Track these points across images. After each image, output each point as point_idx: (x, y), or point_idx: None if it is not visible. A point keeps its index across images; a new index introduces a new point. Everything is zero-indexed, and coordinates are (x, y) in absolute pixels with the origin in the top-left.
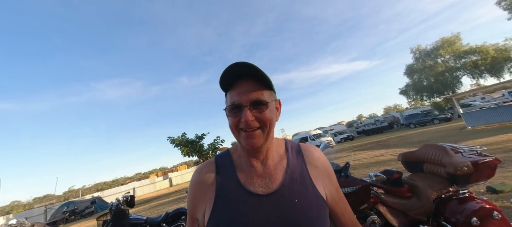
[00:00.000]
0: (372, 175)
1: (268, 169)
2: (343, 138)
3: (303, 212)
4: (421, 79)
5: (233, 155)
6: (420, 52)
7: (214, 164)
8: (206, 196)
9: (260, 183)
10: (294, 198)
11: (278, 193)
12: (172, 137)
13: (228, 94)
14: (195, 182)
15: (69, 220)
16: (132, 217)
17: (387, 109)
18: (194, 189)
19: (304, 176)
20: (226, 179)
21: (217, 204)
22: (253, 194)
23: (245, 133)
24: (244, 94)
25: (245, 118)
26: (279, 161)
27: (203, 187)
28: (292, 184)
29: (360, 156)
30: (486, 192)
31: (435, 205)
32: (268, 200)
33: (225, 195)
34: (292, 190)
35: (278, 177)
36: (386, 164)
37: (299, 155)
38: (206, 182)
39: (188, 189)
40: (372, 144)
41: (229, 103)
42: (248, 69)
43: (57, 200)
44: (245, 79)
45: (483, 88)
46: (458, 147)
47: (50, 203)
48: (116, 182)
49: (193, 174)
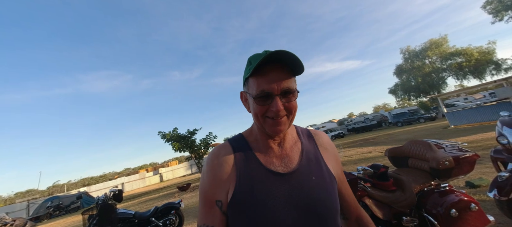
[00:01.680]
0: (359, 169)
1: (285, 150)
2: (334, 135)
3: (321, 187)
4: (410, 79)
5: (248, 138)
6: (410, 53)
7: (230, 147)
8: (229, 177)
9: (279, 163)
10: (311, 176)
11: (297, 171)
12: (163, 132)
13: (254, 79)
14: (214, 165)
15: (53, 216)
16: (120, 212)
17: (377, 107)
18: (214, 172)
19: (318, 157)
20: (246, 160)
21: (241, 183)
22: (275, 172)
23: (272, 121)
24: (274, 83)
25: (277, 108)
26: (294, 144)
27: (224, 169)
28: (308, 164)
29: (350, 153)
30: (465, 187)
31: (417, 197)
32: (289, 178)
33: (248, 173)
34: (309, 169)
35: (295, 158)
36: (374, 160)
37: (311, 138)
38: (226, 163)
39: (205, 174)
40: (361, 142)
41: (257, 91)
42: (285, 56)
43: (40, 195)
44: (275, 65)
45: (466, 89)
46: (441, 143)
47: (33, 198)
48: (104, 177)
49: (210, 159)
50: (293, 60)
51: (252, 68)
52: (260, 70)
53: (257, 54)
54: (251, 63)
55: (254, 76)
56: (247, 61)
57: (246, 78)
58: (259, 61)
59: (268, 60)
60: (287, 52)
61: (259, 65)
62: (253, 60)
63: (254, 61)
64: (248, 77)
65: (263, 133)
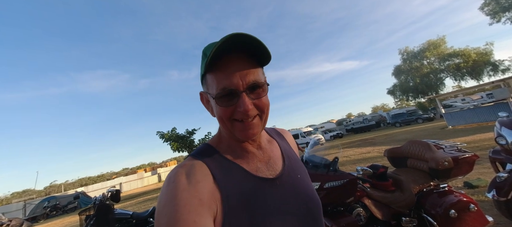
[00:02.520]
0: (359, 170)
1: (266, 152)
2: (333, 135)
3: (308, 185)
4: (408, 79)
5: (219, 147)
6: (408, 54)
7: (200, 162)
8: (211, 197)
9: (266, 168)
10: (297, 175)
11: (285, 173)
12: (161, 132)
13: (212, 75)
14: (185, 188)
15: (50, 216)
16: (117, 212)
17: (375, 108)
18: (188, 196)
19: (294, 154)
20: (229, 172)
21: (230, 200)
22: (265, 179)
23: (241, 124)
24: (237, 76)
25: (244, 107)
26: (270, 143)
27: (202, 189)
28: (290, 163)
29: (348, 153)
30: (463, 187)
31: (416, 198)
32: (280, 181)
33: (236, 187)
34: (293, 168)
35: (278, 158)
36: (373, 161)
37: (281, 136)
38: (203, 182)
39: (173, 202)
40: (359, 142)
41: (217, 89)
42: (246, 42)
43: (37, 195)
44: (235, 55)
45: (463, 89)
46: (440, 143)
47: (30, 198)
48: (101, 177)
49: (177, 183)
50: (257, 46)
51: (207, 61)
52: (218, 63)
53: (212, 43)
54: (207, 56)
55: (211, 71)
56: (202, 54)
57: (203, 75)
58: (213, 50)
59: (225, 49)
60: (246, 35)
61: (215, 56)
62: (208, 52)
63: (210, 52)
64: (205, 73)
65: (235, 138)
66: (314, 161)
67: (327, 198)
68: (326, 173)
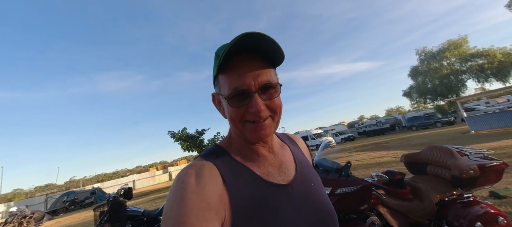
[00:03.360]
0: (373, 175)
1: (278, 157)
2: (344, 138)
3: (322, 194)
4: (425, 81)
5: (229, 149)
6: (426, 54)
7: (210, 163)
8: (220, 201)
9: (277, 173)
10: (310, 183)
11: (297, 180)
12: (172, 131)
13: (224, 76)
14: (194, 189)
15: (69, 210)
16: (129, 209)
17: (389, 110)
18: (196, 198)
19: (307, 162)
20: (238, 175)
21: (238, 205)
22: (277, 185)
23: (252, 125)
24: (250, 76)
25: (256, 108)
26: (282, 148)
27: (210, 191)
28: (303, 170)
29: (360, 157)
30: (489, 197)
31: (437, 208)
32: (291, 188)
33: (245, 191)
34: (306, 175)
35: (290, 164)
36: (387, 166)
37: (293, 142)
38: (212, 184)
39: (180, 203)
40: (372, 146)
41: (229, 89)
42: (259, 42)
43: (58, 189)
44: (248, 55)
45: (488, 92)
46: (464, 149)
47: (51, 192)
48: (116, 174)
49: (185, 183)
50: (270, 47)
51: (219, 62)
52: (230, 64)
53: (225, 44)
54: (218, 57)
55: (224, 72)
56: (214, 55)
57: (215, 76)
58: (225, 51)
59: (237, 50)
60: (259, 34)
61: (227, 56)
62: (220, 53)
63: (222, 53)
64: (217, 74)
65: (246, 140)
66: (325, 165)
67: (339, 204)
68: (338, 178)
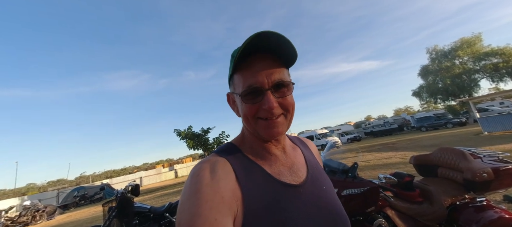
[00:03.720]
0: (381, 177)
1: (289, 157)
2: (350, 138)
3: (334, 198)
4: (436, 80)
5: (242, 147)
6: (437, 53)
7: (224, 159)
8: (233, 196)
9: (289, 173)
10: (322, 186)
11: (309, 181)
12: (178, 129)
13: (239, 75)
14: (209, 183)
15: (79, 205)
16: (136, 205)
17: (398, 111)
18: (211, 191)
19: (318, 165)
20: (250, 172)
21: (250, 202)
22: (288, 185)
23: (265, 122)
24: (263, 75)
25: (269, 105)
26: (294, 150)
27: (225, 186)
28: (314, 172)
29: (367, 158)
30: (503, 201)
31: (448, 211)
32: (303, 190)
33: (258, 189)
34: (317, 178)
35: (301, 166)
36: (394, 167)
37: (305, 145)
38: (226, 179)
39: (195, 196)
40: (380, 146)
41: (243, 87)
42: (273, 41)
43: (69, 184)
44: (262, 55)
45: (502, 92)
46: (477, 152)
47: (63, 187)
48: (124, 170)
49: (201, 176)
50: (284, 46)
51: (235, 61)
52: (244, 63)
53: (240, 46)
54: (234, 57)
55: (238, 71)
56: (230, 57)
57: (230, 76)
58: (240, 51)
59: (252, 49)
60: (274, 34)
61: (242, 56)
62: (236, 54)
63: (237, 53)
64: (233, 74)
65: (259, 138)
66: (331, 166)
67: (345, 206)
68: (344, 179)
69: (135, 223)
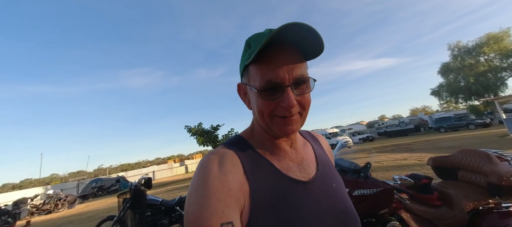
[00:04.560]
0: (396, 178)
1: (299, 153)
2: (362, 138)
3: (344, 196)
4: (458, 79)
5: (251, 141)
6: (459, 49)
7: (232, 152)
8: (240, 190)
9: (298, 169)
10: (332, 183)
11: (319, 178)
12: (189, 126)
13: (256, 67)
14: (216, 175)
15: (97, 195)
16: (149, 198)
17: (414, 110)
18: (218, 184)
19: (329, 161)
20: (258, 167)
21: (258, 197)
22: (297, 181)
23: (281, 120)
24: (285, 70)
25: (289, 103)
26: (304, 145)
27: (232, 179)
28: (324, 169)
29: (380, 159)
30: None
31: (470, 217)
32: (312, 186)
33: (266, 184)
34: (328, 175)
35: (311, 162)
36: (409, 169)
37: (316, 140)
38: (234, 173)
39: (202, 188)
40: (394, 147)
41: (261, 81)
42: (298, 33)
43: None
44: (283, 47)
45: None
46: (504, 154)
47: (82, 178)
48: (138, 164)
49: (208, 168)
50: (310, 40)
51: (253, 52)
52: (265, 54)
53: (258, 34)
54: (251, 47)
55: (256, 62)
56: (245, 44)
57: (245, 66)
58: (264, 42)
59: (275, 40)
60: (305, 26)
61: (264, 47)
62: (253, 43)
63: (255, 44)
64: (248, 64)
65: (269, 133)
66: (342, 165)
67: (356, 207)
68: (356, 179)
69: (147, 214)
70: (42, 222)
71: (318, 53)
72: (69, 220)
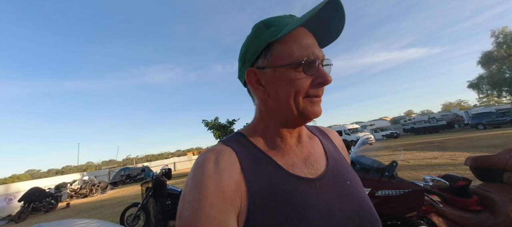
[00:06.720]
0: (427, 179)
1: (305, 148)
2: (386, 135)
3: (361, 194)
4: (502, 69)
5: (252, 137)
6: (505, 36)
7: (229, 149)
8: (236, 190)
9: (303, 165)
10: (346, 180)
11: (329, 175)
12: (206, 120)
13: (284, 44)
14: (211, 175)
15: (125, 183)
16: (169, 188)
17: (447, 105)
18: (213, 185)
19: (341, 157)
20: (259, 165)
21: (256, 198)
22: (302, 178)
23: (310, 100)
24: (316, 48)
25: (327, 76)
26: (311, 139)
27: (228, 179)
28: (336, 165)
29: (406, 157)
30: None
31: None
32: (320, 184)
33: (266, 183)
34: (340, 171)
35: (320, 157)
36: (440, 169)
37: (324, 134)
38: (229, 172)
39: (196, 189)
40: (422, 145)
41: (295, 58)
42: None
43: (117, 165)
44: (306, 30)
45: None
46: None
47: (112, 166)
48: (161, 155)
49: (203, 168)
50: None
51: (280, 30)
52: (292, 34)
53: (277, 17)
54: (270, 27)
55: (283, 41)
56: (255, 28)
57: (266, 46)
58: (314, 12)
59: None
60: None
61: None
62: (277, 22)
63: (281, 24)
64: (272, 42)
65: (276, 126)
66: (363, 163)
67: (379, 208)
68: (379, 179)
69: (167, 203)
70: (79, 204)
71: (325, 45)
72: (102, 204)
